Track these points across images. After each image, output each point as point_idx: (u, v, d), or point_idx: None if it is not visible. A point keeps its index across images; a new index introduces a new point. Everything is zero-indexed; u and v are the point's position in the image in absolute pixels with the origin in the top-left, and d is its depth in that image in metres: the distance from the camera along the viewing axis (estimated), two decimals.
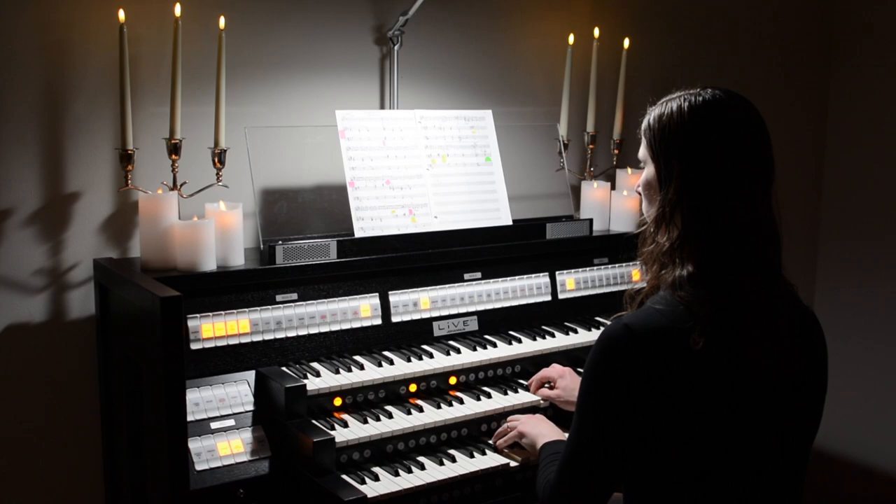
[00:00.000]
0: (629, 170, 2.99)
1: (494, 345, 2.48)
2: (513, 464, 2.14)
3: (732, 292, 1.57)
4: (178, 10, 2.18)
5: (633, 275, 2.85)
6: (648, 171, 1.69)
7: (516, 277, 2.63)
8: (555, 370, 2.38)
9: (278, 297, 2.25)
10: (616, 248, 2.84)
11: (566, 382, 2.32)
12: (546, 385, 2.37)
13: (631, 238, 2.77)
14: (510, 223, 2.63)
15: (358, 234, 2.38)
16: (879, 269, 3.70)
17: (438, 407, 2.23)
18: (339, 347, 2.33)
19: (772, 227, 1.63)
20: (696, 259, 1.59)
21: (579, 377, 2.34)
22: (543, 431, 2.07)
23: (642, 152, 1.71)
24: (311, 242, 2.30)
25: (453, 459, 2.13)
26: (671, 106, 1.64)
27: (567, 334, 2.60)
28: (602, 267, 2.82)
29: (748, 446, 1.59)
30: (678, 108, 1.62)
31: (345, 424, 2.11)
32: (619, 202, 2.92)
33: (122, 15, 2.16)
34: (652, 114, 1.67)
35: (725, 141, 1.59)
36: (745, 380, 1.57)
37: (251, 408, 2.14)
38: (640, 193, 1.74)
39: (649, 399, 1.54)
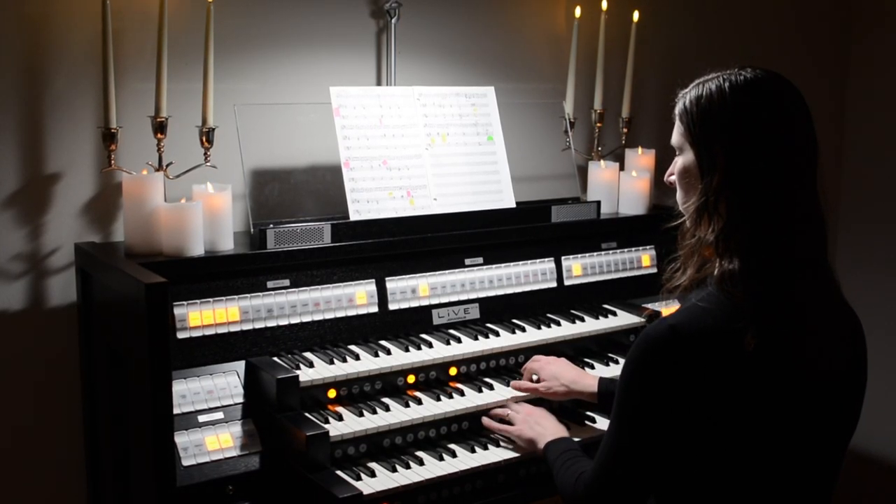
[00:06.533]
0: (639, 149, 2.98)
1: (497, 333, 2.44)
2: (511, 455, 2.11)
3: (784, 288, 1.53)
4: None
5: (643, 260, 2.83)
6: (686, 157, 1.63)
7: (520, 263, 2.60)
8: (535, 363, 2.30)
9: (269, 284, 2.22)
10: (625, 231, 2.81)
11: (552, 369, 2.25)
12: (533, 379, 2.29)
13: (640, 221, 2.76)
14: (513, 205, 2.61)
15: (353, 217, 2.35)
16: None
17: (438, 399, 2.21)
18: (333, 336, 2.30)
19: (819, 214, 1.59)
20: (743, 251, 1.54)
21: (563, 361, 2.31)
22: (544, 431, 2.04)
23: (677, 138, 1.66)
24: (304, 226, 2.27)
25: (453, 454, 2.10)
26: (710, 87, 1.58)
27: (573, 322, 2.57)
28: (610, 252, 2.78)
29: (792, 447, 1.57)
30: (718, 88, 1.57)
31: (339, 417, 2.09)
32: (628, 183, 2.89)
33: None
34: (688, 96, 1.62)
35: (771, 123, 1.54)
36: (797, 381, 1.54)
37: (241, 400, 2.12)
38: (672, 182, 1.70)
39: (695, 403, 1.52)
